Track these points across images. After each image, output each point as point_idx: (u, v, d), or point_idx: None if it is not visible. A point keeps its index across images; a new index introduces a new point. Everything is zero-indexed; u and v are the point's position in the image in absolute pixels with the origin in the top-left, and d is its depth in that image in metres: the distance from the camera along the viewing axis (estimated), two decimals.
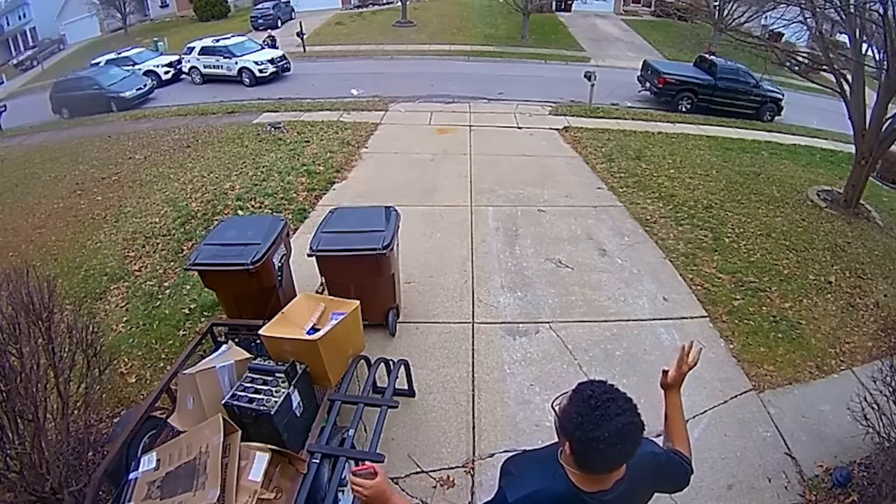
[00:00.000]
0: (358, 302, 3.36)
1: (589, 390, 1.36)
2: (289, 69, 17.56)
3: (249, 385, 2.80)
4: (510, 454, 3.44)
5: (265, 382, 2.81)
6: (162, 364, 4.35)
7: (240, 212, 6.87)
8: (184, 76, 18.16)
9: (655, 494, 1.60)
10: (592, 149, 9.38)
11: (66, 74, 17.95)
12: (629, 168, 8.44)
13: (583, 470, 1.37)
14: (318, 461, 2.66)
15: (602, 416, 1.29)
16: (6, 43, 33.36)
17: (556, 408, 1.40)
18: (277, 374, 2.84)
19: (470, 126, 10.66)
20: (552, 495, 1.40)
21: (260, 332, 3.06)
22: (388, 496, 1.44)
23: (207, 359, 3.12)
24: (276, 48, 18.91)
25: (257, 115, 11.95)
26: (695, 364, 1.76)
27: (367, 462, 1.52)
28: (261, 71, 16.58)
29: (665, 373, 1.75)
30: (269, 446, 2.55)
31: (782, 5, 10.90)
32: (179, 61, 18.28)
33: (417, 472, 3.33)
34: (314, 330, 3.17)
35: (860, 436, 3.34)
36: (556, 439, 1.47)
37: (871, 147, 7.32)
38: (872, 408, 3.23)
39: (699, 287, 5.31)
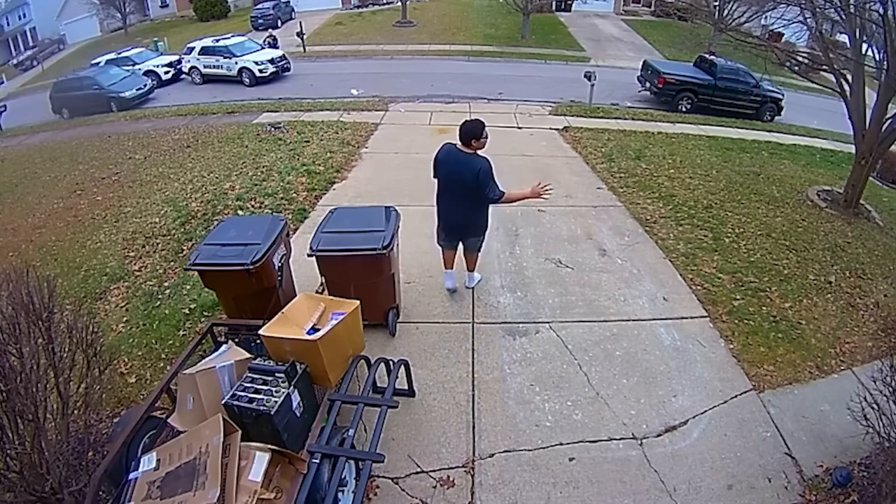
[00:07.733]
0: (358, 302, 3.36)
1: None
2: (289, 69, 17.57)
3: (249, 385, 2.80)
4: (509, 453, 3.50)
5: (265, 382, 2.81)
6: (162, 364, 4.35)
7: (240, 212, 6.86)
8: (184, 76, 18.18)
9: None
10: (592, 149, 9.37)
11: (66, 74, 17.98)
12: (629, 168, 8.43)
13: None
14: (318, 461, 2.66)
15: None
16: (6, 43, 33.40)
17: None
18: (277, 374, 2.84)
19: None
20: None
21: (260, 332, 3.06)
22: None
23: (207, 359, 3.12)
24: (277, 48, 18.92)
25: (257, 115, 11.93)
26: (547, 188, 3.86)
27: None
28: (261, 71, 16.60)
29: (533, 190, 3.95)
30: (269, 446, 2.55)
31: (782, 5, 10.90)
32: (179, 61, 18.30)
33: (417, 472, 3.33)
34: (314, 330, 3.16)
35: (860, 436, 3.34)
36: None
37: (871, 147, 7.31)
38: (872, 408, 3.22)
39: (699, 287, 5.31)
